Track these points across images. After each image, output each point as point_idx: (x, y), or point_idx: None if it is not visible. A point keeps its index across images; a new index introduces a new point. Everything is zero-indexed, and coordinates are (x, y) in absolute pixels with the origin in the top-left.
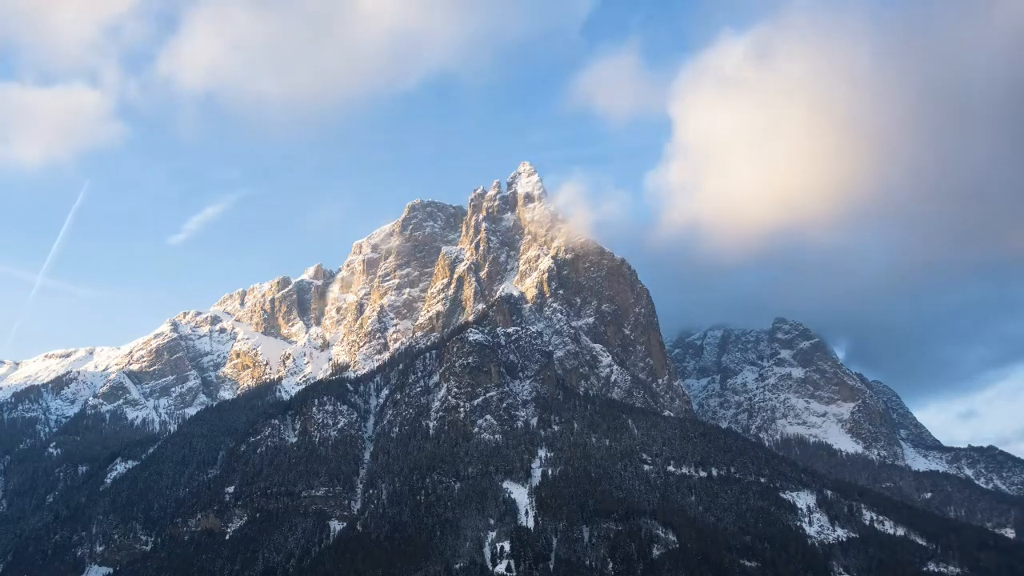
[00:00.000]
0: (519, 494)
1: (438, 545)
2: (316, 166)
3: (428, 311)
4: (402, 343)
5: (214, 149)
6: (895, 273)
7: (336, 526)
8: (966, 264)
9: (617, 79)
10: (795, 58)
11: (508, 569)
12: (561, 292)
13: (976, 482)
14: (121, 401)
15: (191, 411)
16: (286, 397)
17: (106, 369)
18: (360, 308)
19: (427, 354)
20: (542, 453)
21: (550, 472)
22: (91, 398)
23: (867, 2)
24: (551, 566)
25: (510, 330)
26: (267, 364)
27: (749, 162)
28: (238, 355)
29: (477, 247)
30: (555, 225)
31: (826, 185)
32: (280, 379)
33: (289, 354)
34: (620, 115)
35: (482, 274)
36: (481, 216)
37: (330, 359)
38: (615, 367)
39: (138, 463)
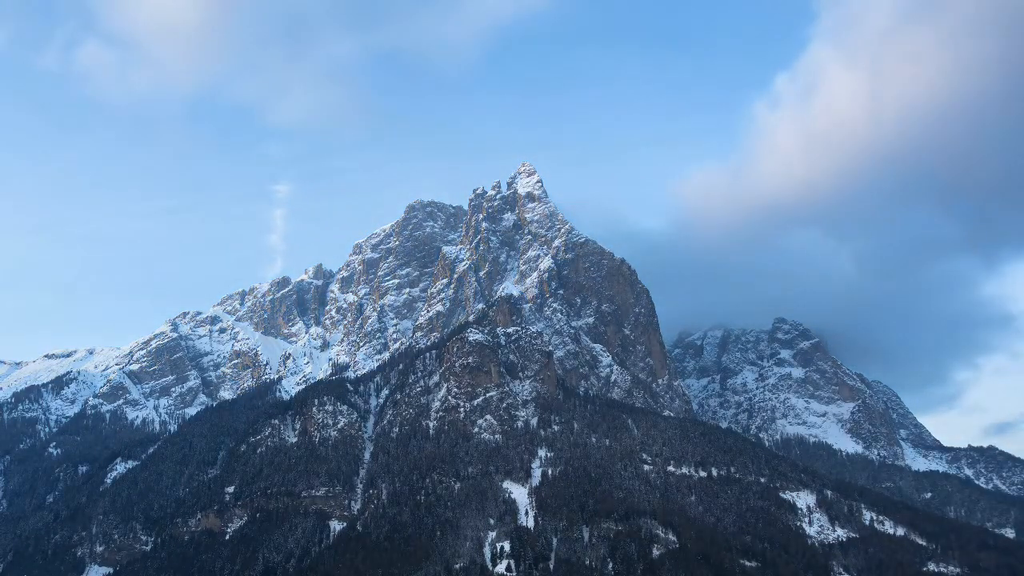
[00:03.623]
0: (519, 494)
1: (438, 545)
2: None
3: (428, 311)
4: (402, 343)
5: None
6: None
7: (336, 526)
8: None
9: None
10: None
11: (508, 569)
12: (561, 292)
13: (976, 482)
14: (121, 401)
15: (191, 411)
16: (286, 397)
17: (106, 369)
18: (360, 308)
19: (427, 354)
20: (542, 453)
21: (550, 472)
22: (91, 398)
23: None
24: (551, 566)
25: (510, 330)
26: (267, 364)
27: None
28: (238, 355)
29: (477, 247)
30: (555, 225)
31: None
32: (280, 379)
33: (289, 354)
34: None
35: (482, 274)
36: (481, 216)
37: (330, 359)
38: (615, 367)
39: (138, 463)
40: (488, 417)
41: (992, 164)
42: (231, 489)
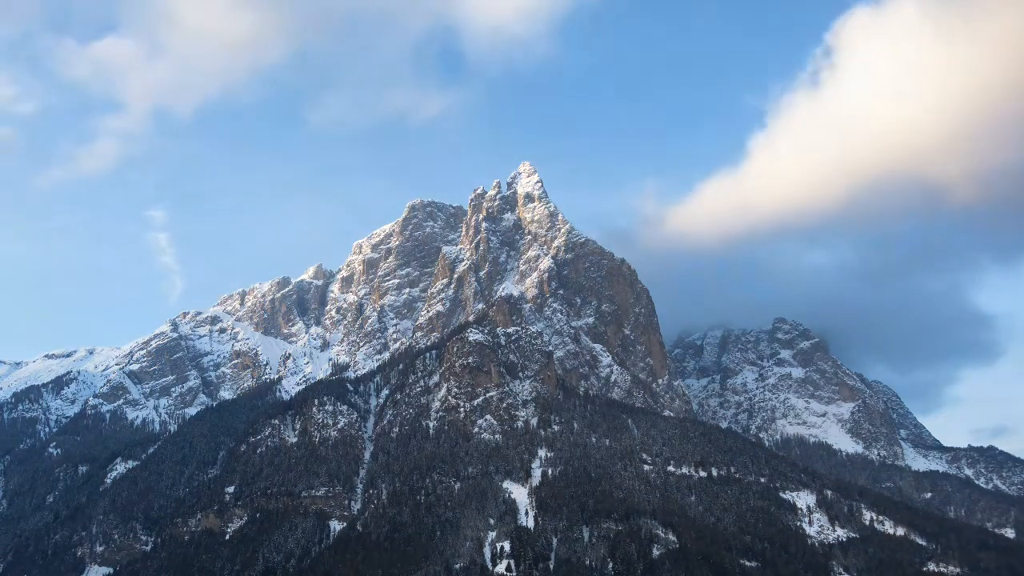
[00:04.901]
0: (519, 494)
1: (438, 545)
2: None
3: (428, 311)
4: (402, 343)
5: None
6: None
7: (336, 526)
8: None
9: None
10: None
11: (508, 569)
12: (561, 292)
13: (976, 482)
14: (121, 401)
15: (191, 411)
16: (286, 397)
17: (106, 369)
18: (360, 308)
19: (427, 354)
20: (542, 453)
21: (550, 472)
22: (91, 398)
23: None
24: (551, 566)
25: (510, 330)
26: (267, 364)
27: None
28: (238, 355)
29: (477, 247)
30: (555, 225)
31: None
32: (280, 379)
33: (289, 354)
34: None
35: (482, 274)
36: (481, 216)
37: (330, 359)
38: (615, 367)
39: (138, 463)
40: (488, 417)
41: (993, 168)
42: (231, 489)
